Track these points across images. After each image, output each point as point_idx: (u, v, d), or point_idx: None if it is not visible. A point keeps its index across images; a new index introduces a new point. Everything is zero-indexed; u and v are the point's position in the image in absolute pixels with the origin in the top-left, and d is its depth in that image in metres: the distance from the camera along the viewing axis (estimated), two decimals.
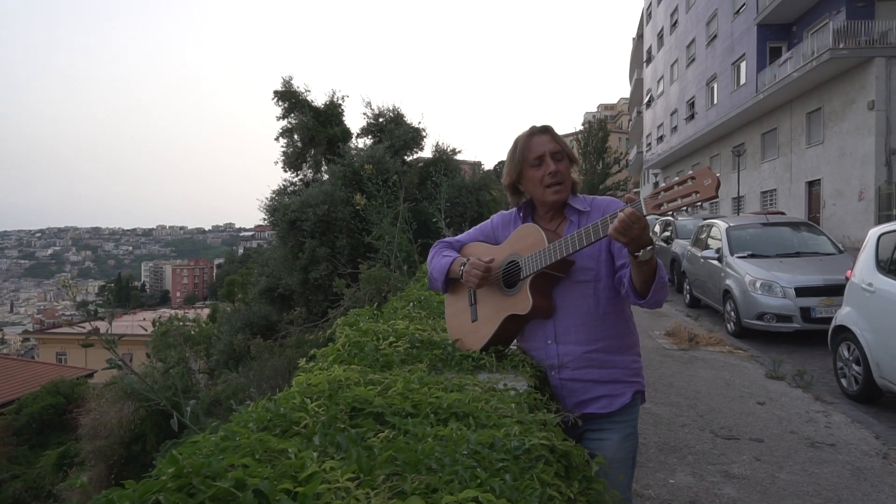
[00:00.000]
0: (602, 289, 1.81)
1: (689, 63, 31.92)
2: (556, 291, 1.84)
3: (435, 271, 2.04)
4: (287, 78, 17.18)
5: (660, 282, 1.67)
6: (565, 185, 1.86)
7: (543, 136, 1.90)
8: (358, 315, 2.47)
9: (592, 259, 1.81)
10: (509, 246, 1.92)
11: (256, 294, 15.63)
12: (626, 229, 1.50)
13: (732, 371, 5.82)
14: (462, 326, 2.02)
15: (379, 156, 13.87)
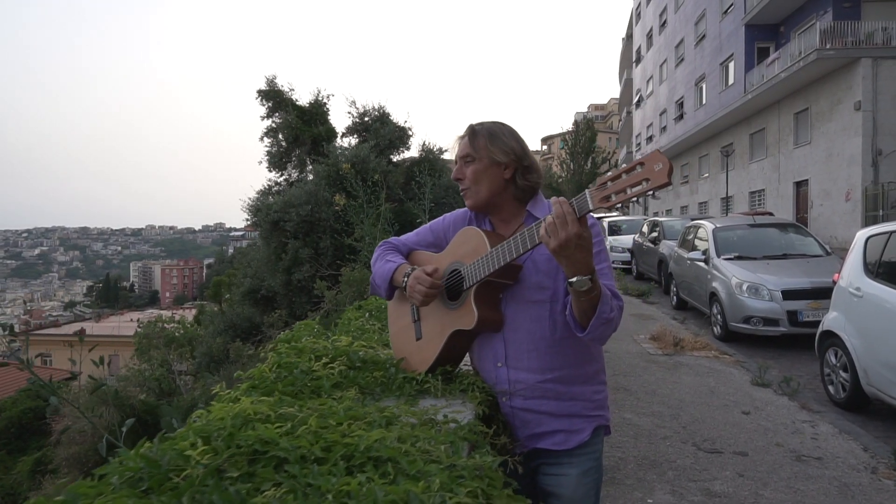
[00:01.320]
0: (560, 311, 1.60)
1: (677, 63, 31.91)
2: (507, 309, 1.65)
3: (377, 277, 1.84)
4: (271, 77, 16.93)
5: (601, 318, 1.43)
6: (472, 191, 1.69)
7: (462, 141, 1.74)
8: (304, 327, 2.27)
9: (549, 276, 1.60)
10: (451, 252, 1.73)
11: (240, 295, 15.38)
12: (553, 233, 1.31)
13: (718, 378, 5.65)
14: (406, 345, 1.83)
15: (364, 155, 13.66)
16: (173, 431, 1.86)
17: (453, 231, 1.82)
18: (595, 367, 1.69)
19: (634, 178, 1.24)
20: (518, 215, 1.73)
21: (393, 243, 1.93)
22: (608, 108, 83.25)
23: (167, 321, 20.63)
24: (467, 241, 1.67)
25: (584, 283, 1.36)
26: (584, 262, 1.34)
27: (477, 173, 1.66)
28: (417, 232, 1.95)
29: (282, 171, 17.56)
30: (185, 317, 25.77)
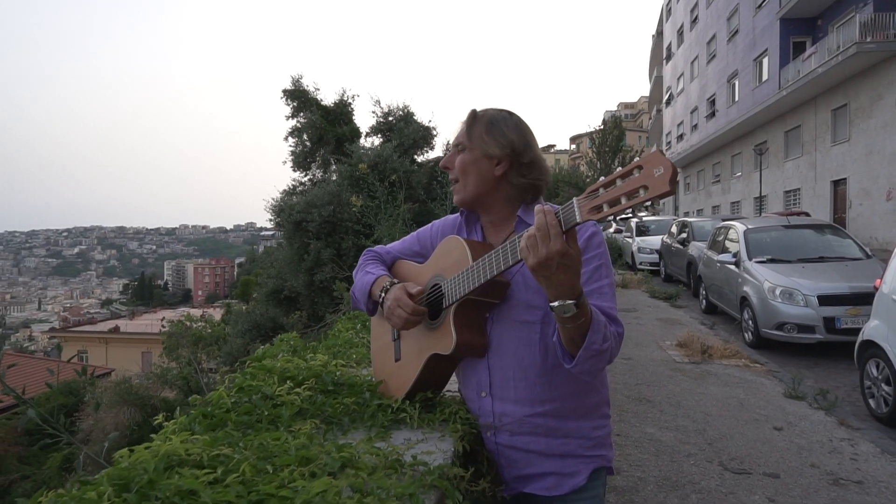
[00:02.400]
0: (551, 333, 1.37)
1: (709, 59, 31.16)
2: (493, 331, 1.45)
3: (357, 290, 1.65)
4: (297, 76, 16.93)
5: (590, 350, 1.21)
6: (459, 185, 1.50)
7: (463, 126, 1.52)
8: (282, 343, 2.10)
9: (540, 294, 1.38)
10: (433, 264, 1.54)
11: (263, 296, 15.41)
12: (532, 249, 1.11)
13: (748, 389, 5.33)
14: (385, 366, 1.64)
15: (386, 155, 13.53)
16: None
17: (441, 239, 1.61)
18: (596, 398, 1.46)
19: (631, 185, 1.03)
20: (510, 220, 1.52)
21: (377, 252, 1.75)
22: (638, 107, 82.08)
23: (193, 320, 20.82)
24: (450, 251, 1.47)
25: (568, 308, 1.15)
26: (568, 285, 1.14)
27: (465, 164, 1.47)
28: (404, 240, 1.76)
29: (306, 171, 17.58)
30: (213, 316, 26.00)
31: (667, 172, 0.99)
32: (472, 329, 1.42)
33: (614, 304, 1.37)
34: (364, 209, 8.79)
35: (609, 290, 1.39)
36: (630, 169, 1.05)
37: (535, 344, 1.39)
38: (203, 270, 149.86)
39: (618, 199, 1.05)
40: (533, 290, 1.40)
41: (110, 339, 39.41)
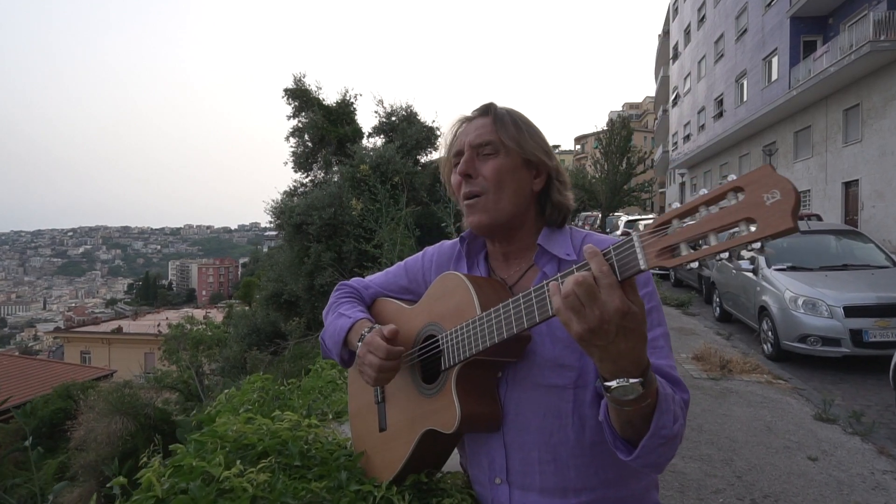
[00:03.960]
0: (591, 402, 1.07)
1: (717, 59, 30.75)
2: (509, 397, 1.11)
3: (327, 336, 1.31)
4: (299, 75, 16.65)
5: (658, 437, 0.89)
6: (488, 201, 1.14)
7: (475, 122, 1.19)
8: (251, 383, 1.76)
9: (572, 349, 1.06)
10: (427, 307, 1.20)
11: (263, 299, 15.11)
12: (576, 310, 0.82)
13: (773, 409, 4.95)
14: (368, 435, 1.30)
15: (389, 156, 13.23)
16: None
17: (436, 273, 1.29)
18: (645, 481, 1.13)
19: (726, 217, 0.70)
20: (528, 250, 1.19)
21: (353, 287, 1.41)
22: (643, 107, 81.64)
23: (194, 322, 20.54)
24: (448, 293, 1.14)
25: (631, 389, 0.85)
26: (632, 357, 0.83)
27: (501, 172, 1.14)
28: (387, 271, 1.43)
29: (307, 173, 17.29)
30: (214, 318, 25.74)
31: (787, 200, 0.65)
32: (481, 396, 1.09)
33: (673, 360, 1.05)
34: (365, 212, 8.45)
35: (665, 341, 1.07)
36: (722, 192, 0.71)
37: (567, 415, 1.07)
38: (207, 270, 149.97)
39: (704, 236, 0.71)
40: (563, 342, 1.07)
41: (113, 340, 39.23)
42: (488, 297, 1.07)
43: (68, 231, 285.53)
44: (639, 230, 0.80)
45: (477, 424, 1.08)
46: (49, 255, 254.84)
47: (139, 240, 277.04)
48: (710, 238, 0.71)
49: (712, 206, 0.72)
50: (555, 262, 1.15)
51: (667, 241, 0.76)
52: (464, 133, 1.19)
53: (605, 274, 0.80)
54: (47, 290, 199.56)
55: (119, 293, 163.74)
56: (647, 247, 0.78)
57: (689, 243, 0.73)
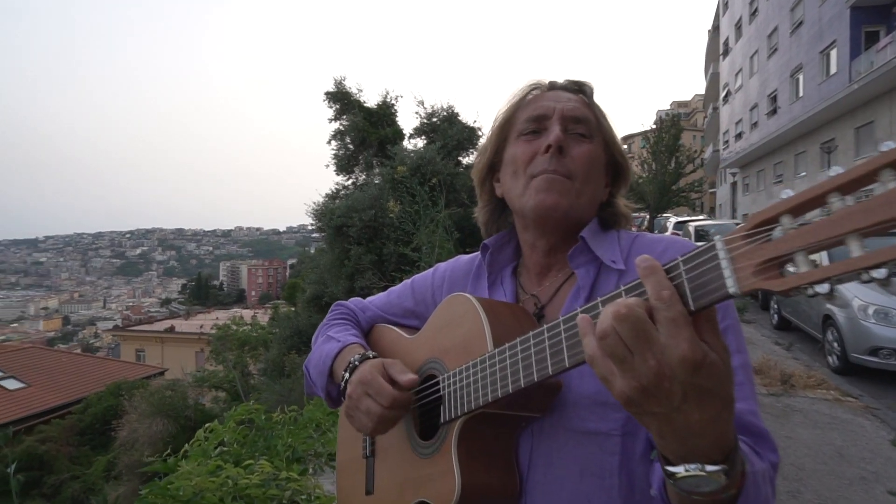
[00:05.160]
0: (641, 455, 0.81)
1: (770, 53, 29.62)
2: (536, 446, 0.87)
3: (311, 365, 1.10)
4: (339, 78, 16.80)
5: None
6: (572, 186, 0.92)
7: (566, 93, 0.99)
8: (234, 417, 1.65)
9: None
10: (429, 338, 0.99)
11: (305, 301, 15.26)
12: (618, 358, 0.58)
13: (844, 432, 4.56)
14: (354, 496, 1.11)
15: (429, 157, 13.17)
16: None
17: (447, 293, 1.06)
18: None
19: (879, 210, 0.45)
20: (564, 242, 0.97)
21: (349, 308, 1.21)
22: (692, 105, 79.60)
23: (239, 323, 20.94)
24: (455, 321, 0.92)
25: (709, 481, 0.59)
26: (711, 433, 0.58)
27: (591, 160, 0.95)
28: (391, 291, 1.22)
29: (349, 175, 17.42)
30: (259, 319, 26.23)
31: None
32: (490, 462, 0.86)
33: (756, 401, 0.80)
34: (402, 214, 8.37)
35: (745, 374, 0.79)
36: (872, 169, 0.47)
37: (612, 472, 0.80)
38: (256, 271, 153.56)
39: (838, 240, 0.47)
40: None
41: (166, 339, 40.48)
42: (506, 327, 0.85)
43: (126, 233, 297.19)
44: (741, 238, 0.54)
45: (484, 499, 0.84)
46: (109, 256, 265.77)
47: (192, 241, 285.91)
48: (851, 244, 0.46)
49: (850, 193, 0.48)
50: (594, 266, 0.92)
51: (772, 249, 0.50)
52: (552, 98, 0.98)
53: (666, 302, 0.55)
54: (107, 290, 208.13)
55: (173, 293, 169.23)
56: (738, 258, 0.52)
57: (807, 255, 0.49)
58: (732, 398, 0.59)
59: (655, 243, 0.93)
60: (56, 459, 16.29)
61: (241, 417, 1.93)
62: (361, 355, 0.98)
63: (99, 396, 19.55)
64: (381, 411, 0.88)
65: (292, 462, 1.72)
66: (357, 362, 0.96)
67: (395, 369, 0.91)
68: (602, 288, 0.90)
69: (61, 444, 17.29)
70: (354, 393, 0.92)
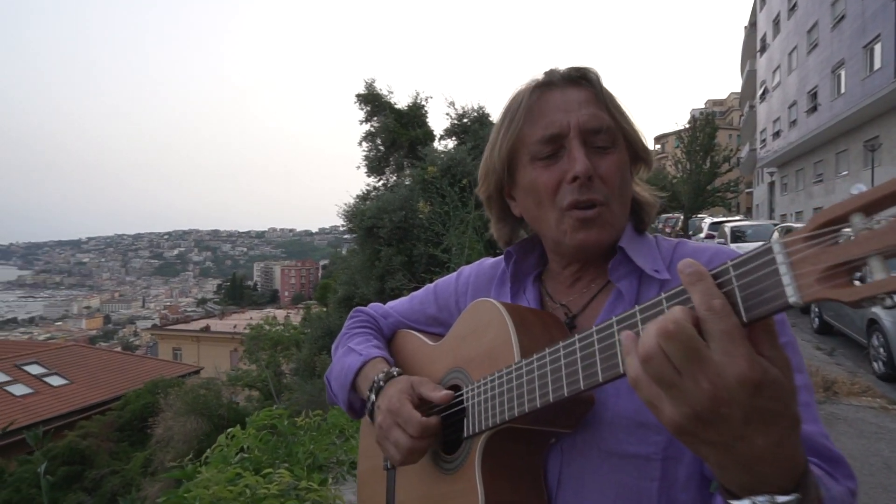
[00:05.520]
0: (684, 482, 0.75)
1: (810, 49, 28.82)
2: (565, 468, 0.81)
3: (333, 378, 1.08)
4: (370, 80, 16.94)
5: None
6: (611, 212, 0.85)
7: (571, 92, 0.88)
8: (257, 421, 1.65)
9: None
10: (453, 346, 0.94)
11: (336, 302, 15.40)
12: (668, 385, 0.52)
13: (893, 443, 4.36)
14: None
15: (460, 157, 13.17)
16: None
17: (471, 299, 1.01)
18: None
19: None
20: (600, 265, 0.91)
21: (369, 315, 1.17)
22: (727, 104, 77.98)
23: (272, 323, 21.24)
24: (480, 328, 0.88)
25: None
26: (779, 458, 0.52)
27: (624, 174, 0.87)
28: (414, 296, 1.17)
29: (380, 176, 17.54)
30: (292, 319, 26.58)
31: None
32: (517, 480, 0.81)
33: (821, 424, 0.73)
34: (432, 215, 8.37)
35: (809, 395, 0.74)
36: None
37: (652, 499, 0.75)
38: (289, 272, 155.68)
39: None
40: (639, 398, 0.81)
41: (202, 338, 41.31)
42: (534, 336, 0.80)
43: (164, 234, 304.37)
44: (803, 239, 0.47)
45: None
46: (147, 257, 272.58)
47: (227, 242, 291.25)
48: None
49: None
50: (635, 278, 0.85)
51: (840, 253, 0.44)
52: (561, 105, 0.86)
53: (718, 313, 0.49)
54: (146, 290, 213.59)
55: (209, 293, 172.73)
56: (799, 263, 0.46)
57: (887, 258, 0.43)
58: (799, 418, 0.53)
59: (699, 252, 0.86)
60: (97, 454, 16.75)
61: (264, 423, 1.92)
62: (386, 373, 0.94)
63: (137, 394, 20.06)
64: (411, 443, 0.84)
65: (313, 470, 1.70)
66: (382, 382, 0.93)
67: (426, 388, 0.88)
68: (644, 300, 0.86)
69: (101, 439, 17.76)
70: (384, 423, 0.88)
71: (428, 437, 0.85)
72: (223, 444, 1.77)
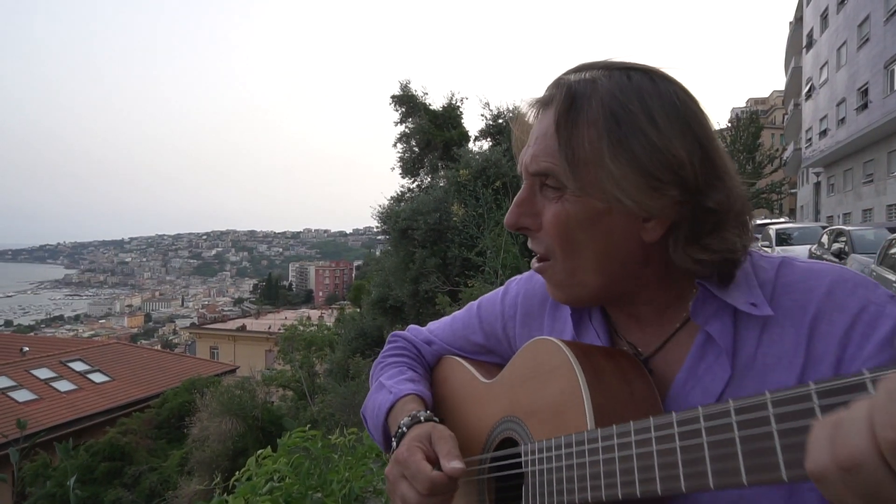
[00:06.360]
0: None
1: (861, 44, 27.73)
2: None
3: (368, 414, 0.95)
4: (404, 82, 16.90)
5: None
6: (553, 269, 0.73)
7: (542, 118, 0.73)
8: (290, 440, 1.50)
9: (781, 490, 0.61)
10: (508, 388, 0.79)
11: (369, 304, 15.37)
12: (882, 499, 0.35)
13: None
14: None
15: (495, 159, 12.98)
16: None
17: (522, 325, 0.87)
18: None
19: None
20: (677, 300, 0.73)
21: (408, 341, 1.02)
22: (770, 102, 75.93)
23: (306, 324, 21.39)
24: (541, 374, 0.72)
25: None
26: None
27: (569, 226, 0.70)
28: (456, 317, 1.00)
29: (414, 178, 17.48)
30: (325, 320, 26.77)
31: None
32: None
33: None
34: (466, 218, 8.21)
35: None
36: None
37: None
38: (324, 272, 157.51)
39: None
40: None
41: (238, 337, 41.99)
42: (610, 392, 0.65)
43: (203, 235, 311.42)
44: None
45: None
46: (186, 257, 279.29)
47: (263, 243, 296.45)
48: None
49: None
50: (727, 316, 0.68)
51: None
52: (531, 139, 0.74)
53: None
54: (185, 289, 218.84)
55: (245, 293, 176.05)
56: None
57: None
58: None
59: (813, 276, 0.66)
60: (136, 451, 17.06)
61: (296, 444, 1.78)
62: (412, 417, 0.81)
63: (175, 392, 20.40)
64: (419, 500, 0.72)
65: (349, 502, 1.56)
66: (406, 428, 0.80)
67: (443, 448, 0.73)
68: (746, 345, 0.66)
69: (140, 436, 18.10)
70: (391, 474, 0.76)
71: (439, 494, 0.72)
72: (252, 468, 1.63)
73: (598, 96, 0.67)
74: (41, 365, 21.03)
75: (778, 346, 0.64)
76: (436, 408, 0.89)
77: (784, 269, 0.69)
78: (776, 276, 0.69)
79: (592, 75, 0.70)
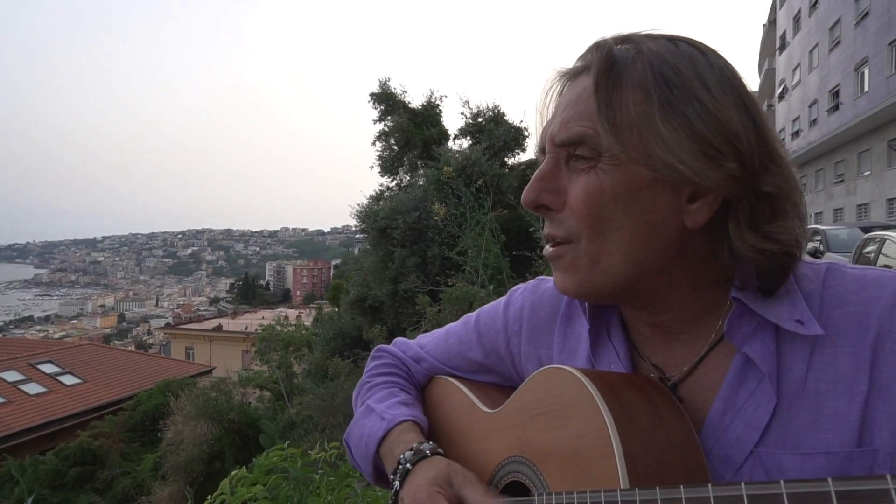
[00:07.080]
0: None
1: (832, 47, 28.28)
2: None
3: (353, 443, 0.84)
4: (384, 79, 16.76)
5: None
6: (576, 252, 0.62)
7: (573, 87, 0.64)
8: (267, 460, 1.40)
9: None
10: (516, 422, 0.68)
11: (348, 303, 15.20)
12: None
13: None
14: None
15: (475, 157, 12.94)
16: None
17: (528, 341, 0.77)
18: None
19: None
20: (704, 315, 0.64)
21: (396, 357, 0.91)
22: None
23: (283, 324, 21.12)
24: (556, 410, 0.62)
25: None
26: None
27: (603, 201, 0.59)
28: (451, 331, 0.88)
29: (393, 176, 17.36)
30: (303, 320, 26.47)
31: None
32: None
33: None
34: (448, 217, 8.13)
35: None
36: None
37: None
38: (302, 271, 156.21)
39: None
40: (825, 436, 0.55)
41: (214, 337, 41.38)
42: (646, 440, 0.55)
43: (178, 233, 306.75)
44: None
45: None
46: (161, 256, 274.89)
47: (240, 242, 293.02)
48: None
49: None
50: (768, 335, 0.59)
51: None
52: (554, 110, 0.66)
53: None
54: (159, 289, 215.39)
55: (222, 292, 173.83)
56: None
57: None
58: None
59: (869, 287, 0.58)
60: (108, 455, 16.67)
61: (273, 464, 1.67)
62: (414, 451, 0.71)
63: (149, 394, 19.98)
64: None
65: None
66: (410, 464, 0.69)
67: (471, 491, 0.64)
68: (792, 368, 0.57)
69: (113, 439, 17.69)
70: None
71: None
72: (226, 493, 1.51)
73: (644, 58, 0.59)
74: (9, 367, 20.45)
75: (832, 369, 0.56)
76: (429, 437, 0.79)
77: (832, 278, 0.61)
78: (823, 285, 0.60)
79: (635, 39, 0.62)
